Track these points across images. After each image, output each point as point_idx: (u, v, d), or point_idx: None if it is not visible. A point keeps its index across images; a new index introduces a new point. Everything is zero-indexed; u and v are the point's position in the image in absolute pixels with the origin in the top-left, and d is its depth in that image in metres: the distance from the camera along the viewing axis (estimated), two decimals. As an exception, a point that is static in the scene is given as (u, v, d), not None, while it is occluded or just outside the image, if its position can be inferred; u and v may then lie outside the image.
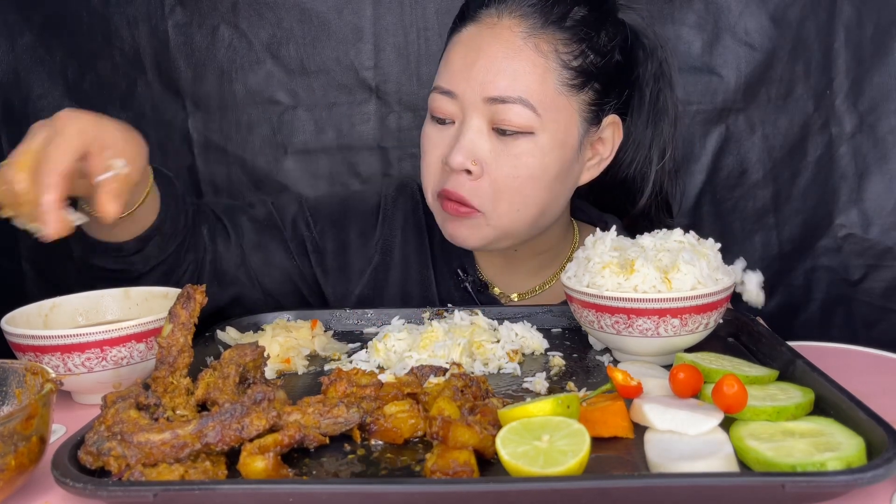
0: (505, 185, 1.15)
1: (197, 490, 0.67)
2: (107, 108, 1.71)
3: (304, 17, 1.68)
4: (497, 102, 1.14)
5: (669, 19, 1.64)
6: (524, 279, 1.33)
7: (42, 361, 0.93)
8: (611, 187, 1.32)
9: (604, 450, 0.76)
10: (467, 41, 1.18)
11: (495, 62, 1.14)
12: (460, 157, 1.14)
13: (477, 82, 1.14)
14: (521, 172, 1.15)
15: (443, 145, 1.18)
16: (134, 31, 1.69)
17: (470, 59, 1.16)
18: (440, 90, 1.19)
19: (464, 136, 1.15)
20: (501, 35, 1.15)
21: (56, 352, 0.92)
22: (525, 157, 1.15)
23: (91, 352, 0.92)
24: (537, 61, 1.15)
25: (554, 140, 1.16)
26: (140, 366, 0.96)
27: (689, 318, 0.94)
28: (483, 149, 1.15)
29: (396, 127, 1.72)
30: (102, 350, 0.93)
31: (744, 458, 0.72)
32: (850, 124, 1.63)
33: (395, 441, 0.79)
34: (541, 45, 1.15)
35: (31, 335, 0.93)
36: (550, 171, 1.17)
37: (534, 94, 1.14)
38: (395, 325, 1.10)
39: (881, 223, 1.64)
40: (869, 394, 0.78)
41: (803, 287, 1.71)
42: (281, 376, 1.01)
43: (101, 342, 0.93)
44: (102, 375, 0.94)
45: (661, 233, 1.02)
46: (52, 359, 0.92)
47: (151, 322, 0.95)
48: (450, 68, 1.18)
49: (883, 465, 0.65)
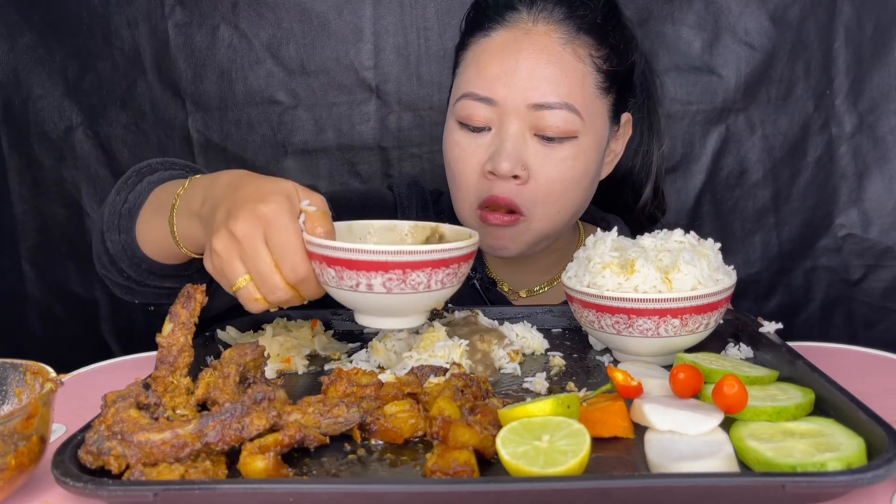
0: (551, 189, 1.16)
1: (197, 490, 0.67)
2: (107, 108, 1.72)
3: (304, 17, 1.69)
4: (542, 109, 1.13)
5: (669, 19, 1.64)
6: (532, 277, 1.34)
7: (342, 276, 0.87)
8: (616, 182, 1.34)
9: (604, 450, 0.76)
10: (502, 47, 1.16)
11: (537, 68, 1.14)
12: (508, 164, 1.13)
13: (519, 88, 1.14)
14: (567, 176, 1.16)
15: (480, 153, 1.17)
16: (134, 31, 1.69)
17: (509, 66, 1.15)
18: (475, 97, 1.17)
19: (508, 143, 1.14)
20: (540, 41, 1.15)
21: (362, 268, 0.86)
22: (570, 160, 1.16)
23: (394, 272, 0.86)
24: (577, 66, 1.15)
25: (594, 143, 1.18)
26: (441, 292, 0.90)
27: (689, 318, 0.94)
28: (528, 154, 1.15)
29: (396, 127, 1.72)
30: (404, 272, 0.87)
31: (744, 458, 0.72)
32: (850, 124, 1.63)
33: (395, 441, 0.79)
34: (578, 50, 1.16)
35: (344, 247, 0.86)
36: (590, 173, 1.20)
37: (577, 98, 1.15)
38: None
39: (881, 223, 1.64)
40: (869, 394, 0.78)
41: (803, 287, 1.71)
42: (281, 376, 1.01)
43: (405, 264, 0.86)
44: (402, 298, 0.88)
45: (662, 233, 1.02)
46: (357, 275, 0.86)
47: (452, 249, 0.89)
48: (485, 74, 1.16)
49: (883, 466, 0.65)
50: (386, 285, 0.87)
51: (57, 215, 1.78)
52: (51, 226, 1.77)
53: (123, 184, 1.11)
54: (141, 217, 1.07)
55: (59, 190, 1.76)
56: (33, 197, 1.77)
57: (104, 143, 1.74)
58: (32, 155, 1.75)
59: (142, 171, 1.12)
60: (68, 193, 1.77)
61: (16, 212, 1.77)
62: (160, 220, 1.03)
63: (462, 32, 1.25)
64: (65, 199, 1.77)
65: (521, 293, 1.33)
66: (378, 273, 0.86)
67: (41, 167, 1.76)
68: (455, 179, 1.22)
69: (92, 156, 1.75)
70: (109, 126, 1.73)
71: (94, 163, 1.75)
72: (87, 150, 1.74)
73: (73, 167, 1.75)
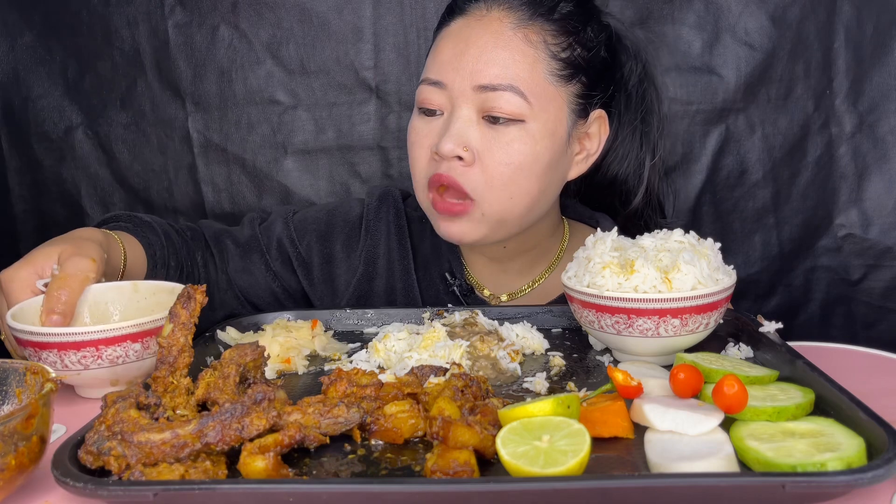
0: (497, 173, 1.16)
1: (197, 490, 0.67)
2: (107, 108, 1.72)
3: (304, 17, 1.68)
4: (487, 90, 1.14)
5: (669, 19, 1.64)
6: (513, 279, 1.33)
7: (40, 357, 0.93)
8: (602, 187, 1.33)
9: (604, 450, 0.76)
10: (456, 33, 1.19)
11: (485, 51, 1.15)
12: (450, 145, 1.14)
13: (467, 71, 1.15)
14: (513, 160, 1.16)
15: (432, 135, 1.19)
16: (134, 31, 1.69)
17: (459, 50, 1.17)
18: (428, 81, 1.19)
19: (454, 125, 1.16)
20: (491, 26, 1.17)
21: (53, 348, 0.92)
22: (516, 143, 1.16)
23: (87, 350, 0.93)
24: (526, 51, 1.16)
25: (544, 128, 1.17)
26: (136, 364, 0.96)
27: (689, 318, 0.94)
28: (474, 137, 1.15)
29: (396, 127, 1.72)
30: (98, 349, 0.93)
31: (744, 458, 0.72)
32: (850, 124, 1.63)
33: (396, 441, 0.79)
34: (530, 36, 1.17)
35: (30, 331, 0.94)
36: (541, 159, 1.18)
37: (523, 81, 1.15)
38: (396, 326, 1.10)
39: (881, 223, 1.64)
40: (869, 394, 0.78)
41: (803, 287, 1.71)
42: (281, 376, 1.01)
43: (97, 341, 0.93)
44: (98, 373, 0.95)
45: (662, 233, 1.02)
46: (49, 355, 0.93)
47: (146, 322, 0.96)
48: (438, 59, 1.19)
49: (883, 466, 0.65)
50: (82, 362, 0.94)
51: (57, 215, 1.78)
52: (51, 226, 1.77)
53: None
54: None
55: (59, 190, 1.76)
56: (33, 197, 1.77)
57: (104, 143, 1.74)
58: (32, 155, 1.75)
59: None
60: (68, 193, 1.77)
61: (16, 212, 1.77)
62: None
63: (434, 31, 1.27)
64: (65, 199, 1.77)
65: (501, 297, 1.33)
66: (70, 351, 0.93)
67: (41, 167, 1.76)
68: (411, 163, 1.23)
69: (92, 156, 1.75)
70: (109, 126, 1.73)
71: (94, 163, 1.75)
72: (87, 150, 1.74)
73: (73, 167, 1.75)
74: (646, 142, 1.32)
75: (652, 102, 1.32)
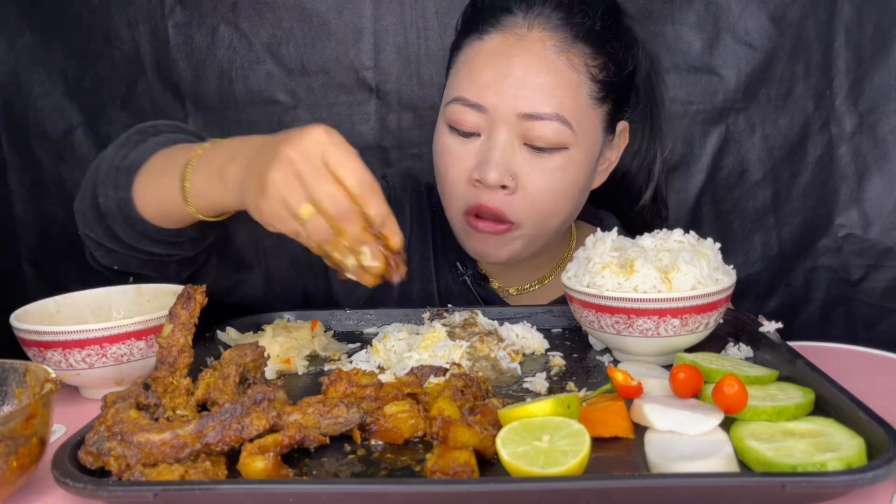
0: (539, 199, 1.15)
1: (197, 490, 0.67)
2: (107, 108, 1.72)
3: (304, 17, 1.68)
4: (532, 119, 1.11)
5: (669, 19, 1.64)
6: (523, 275, 1.33)
7: (45, 356, 0.93)
8: (612, 186, 1.33)
9: (604, 450, 0.76)
10: (494, 52, 1.14)
11: (529, 76, 1.11)
12: (496, 174, 1.12)
13: (510, 97, 1.11)
14: (555, 186, 1.15)
15: (468, 159, 1.15)
16: (134, 31, 1.68)
17: (501, 72, 1.12)
18: (466, 102, 1.14)
19: (496, 152, 1.12)
20: (533, 48, 1.12)
21: (58, 347, 0.93)
22: (559, 171, 1.14)
23: (91, 348, 0.93)
24: (570, 76, 1.13)
25: (585, 154, 1.16)
26: (140, 363, 0.96)
27: (689, 318, 0.94)
28: (517, 163, 1.13)
29: (396, 127, 1.71)
30: (102, 347, 0.93)
31: (744, 458, 0.72)
32: (850, 124, 1.63)
33: (395, 441, 0.79)
34: (572, 59, 1.13)
35: (35, 330, 0.94)
36: (580, 183, 1.18)
37: (568, 109, 1.12)
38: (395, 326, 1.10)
39: (881, 223, 1.64)
40: (869, 394, 0.78)
41: (803, 287, 1.71)
42: (281, 376, 1.01)
43: (101, 339, 0.93)
44: (103, 371, 0.95)
45: (662, 233, 1.02)
46: (54, 354, 0.93)
47: (151, 320, 0.96)
48: (477, 80, 1.14)
49: (883, 466, 0.65)
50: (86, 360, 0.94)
51: (57, 215, 1.77)
52: (51, 226, 1.77)
53: (126, 140, 1.08)
54: (142, 175, 1.03)
55: (59, 190, 1.76)
56: (33, 197, 1.77)
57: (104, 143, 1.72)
58: (32, 155, 1.75)
59: (146, 131, 1.09)
60: (68, 193, 1.76)
61: (16, 212, 1.77)
62: (166, 179, 0.99)
63: (457, 31, 1.23)
64: (65, 199, 1.77)
65: (511, 290, 1.33)
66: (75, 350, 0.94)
67: (41, 167, 1.75)
68: (443, 184, 1.20)
69: (92, 156, 1.74)
70: (109, 126, 1.73)
71: (94, 163, 1.75)
72: (87, 150, 1.74)
73: (73, 167, 1.75)
74: (657, 136, 1.31)
75: (662, 97, 1.31)
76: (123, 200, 1.03)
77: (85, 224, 1.09)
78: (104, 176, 1.05)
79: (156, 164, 1.03)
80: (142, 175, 1.03)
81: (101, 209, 1.04)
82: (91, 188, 1.06)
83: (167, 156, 1.04)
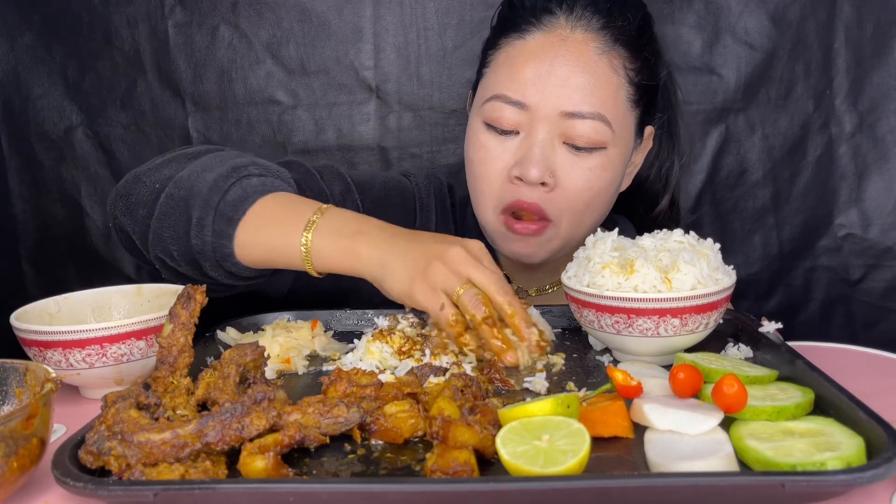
0: (577, 198, 1.17)
1: (197, 490, 0.67)
2: (107, 108, 1.72)
3: (304, 17, 1.68)
4: (574, 117, 1.13)
5: (669, 19, 1.64)
6: (541, 277, 1.34)
7: (45, 356, 0.94)
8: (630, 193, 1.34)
9: (604, 450, 0.76)
10: (537, 52, 1.15)
11: (572, 76, 1.13)
12: (538, 171, 1.13)
13: (553, 95, 1.13)
14: (594, 185, 1.17)
15: (506, 156, 1.17)
16: (134, 31, 1.69)
17: (544, 71, 1.14)
18: (506, 100, 1.15)
19: (537, 149, 1.14)
20: (576, 48, 1.14)
21: (58, 347, 0.93)
22: (598, 170, 1.16)
23: (91, 348, 0.93)
24: (611, 77, 1.15)
25: (620, 155, 1.18)
26: (140, 363, 0.96)
27: (689, 318, 0.94)
28: (556, 161, 1.15)
29: (396, 127, 1.72)
30: (102, 346, 0.93)
31: (744, 457, 0.72)
32: (850, 124, 1.63)
33: (395, 441, 0.79)
34: (613, 61, 1.15)
35: (35, 330, 0.94)
36: (615, 183, 1.20)
37: (609, 109, 1.14)
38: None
39: (881, 223, 1.64)
40: (869, 394, 0.78)
41: (803, 287, 1.71)
42: (281, 376, 1.01)
43: (101, 339, 0.93)
44: (103, 371, 0.95)
45: (662, 233, 1.02)
46: (54, 354, 0.93)
47: (151, 320, 0.96)
48: (518, 78, 1.15)
49: (883, 465, 0.65)
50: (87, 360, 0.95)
51: (57, 215, 1.77)
52: (51, 226, 1.77)
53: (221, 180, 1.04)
54: (248, 223, 1.02)
55: (59, 190, 1.76)
56: (33, 197, 1.77)
57: (104, 143, 1.74)
58: (32, 155, 1.75)
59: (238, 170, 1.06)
60: (68, 193, 1.76)
61: (16, 212, 1.77)
62: (280, 234, 1.00)
63: (493, 29, 1.23)
64: (65, 199, 1.77)
65: (530, 292, 1.34)
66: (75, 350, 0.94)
67: (41, 167, 1.75)
68: (478, 181, 1.21)
69: (92, 156, 1.75)
70: (109, 126, 1.73)
71: (94, 163, 1.75)
72: (87, 150, 1.74)
73: (73, 167, 1.75)
74: (676, 144, 1.32)
75: (679, 102, 1.32)
76: (220, 245, 1.03)
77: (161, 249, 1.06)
78: (199, 217, 1.02)
79: (263, 213, 1.03)
80: (248, 223, 1.02)
81: (195, 249, 1.03)
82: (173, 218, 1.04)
83: (276, 207, 1.03)
